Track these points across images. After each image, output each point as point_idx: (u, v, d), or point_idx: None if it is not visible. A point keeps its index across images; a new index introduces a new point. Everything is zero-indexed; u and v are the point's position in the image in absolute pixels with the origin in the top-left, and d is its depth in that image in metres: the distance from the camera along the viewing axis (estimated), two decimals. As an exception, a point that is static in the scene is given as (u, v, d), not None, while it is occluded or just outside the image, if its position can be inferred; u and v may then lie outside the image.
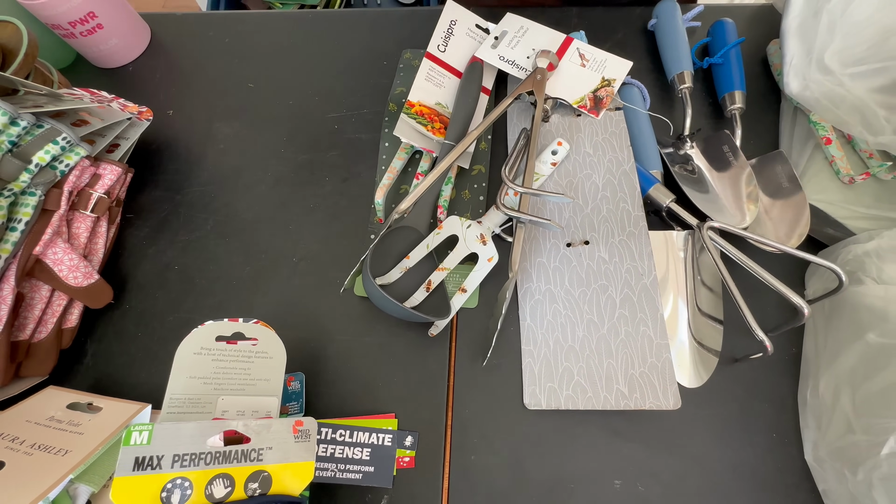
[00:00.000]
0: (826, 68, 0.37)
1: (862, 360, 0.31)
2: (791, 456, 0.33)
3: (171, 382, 0.28)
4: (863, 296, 0.32)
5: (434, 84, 0.43)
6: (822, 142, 0.39)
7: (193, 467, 0.24)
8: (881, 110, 0.35)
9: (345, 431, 0.34)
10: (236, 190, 0.46)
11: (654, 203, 0.39)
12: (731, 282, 0.33)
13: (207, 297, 0.41)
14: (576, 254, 0.38)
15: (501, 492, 0.33)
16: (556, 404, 0.34)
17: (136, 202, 0.45)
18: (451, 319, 0.38)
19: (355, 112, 0.48)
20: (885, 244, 0.33)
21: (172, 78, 0.52)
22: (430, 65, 0.43)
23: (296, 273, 0.41)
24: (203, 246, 0.43)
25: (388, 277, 0.38)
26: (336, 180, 0.45)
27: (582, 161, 0.41)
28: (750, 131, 0.45)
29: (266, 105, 0.50)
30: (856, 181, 0.37)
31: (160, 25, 0.55)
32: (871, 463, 0.28)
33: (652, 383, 0.33)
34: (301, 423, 0.28)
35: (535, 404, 0.35)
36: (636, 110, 0.43)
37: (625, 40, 0.51)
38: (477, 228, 0.38)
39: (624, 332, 0.35)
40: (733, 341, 0.36)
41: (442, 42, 0.44)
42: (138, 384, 0.38)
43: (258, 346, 0.32)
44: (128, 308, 0.41)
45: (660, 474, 0.33)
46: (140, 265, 0.43)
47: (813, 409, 0.34)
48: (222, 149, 0.48)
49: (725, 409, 0.35)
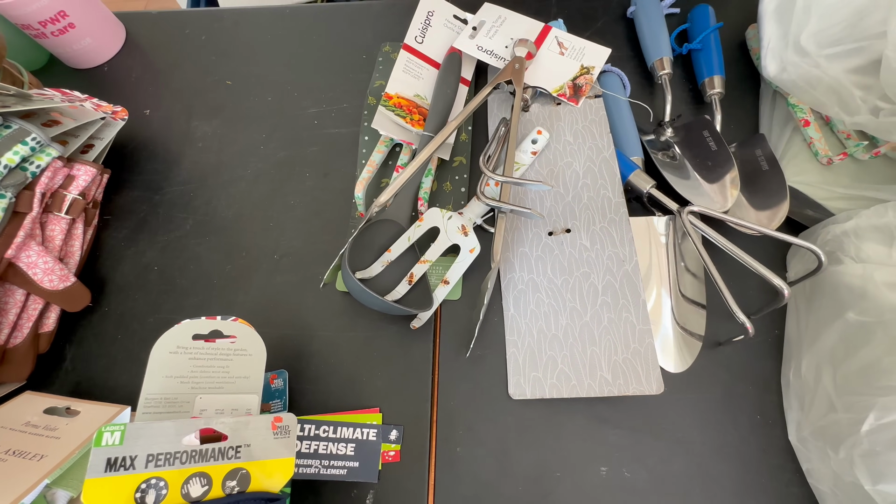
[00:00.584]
0: (803, 50, 0.37)
1: (842, 338, 0.31)
2: (775, 437, 0.33)
3: (146, 382, 0.28)
4: (842, 275, 0.32)
5: (412, 76, 0.43)
6: (800, 124, 0.39)
7: (168, 467, 0.24)
8: (857, 90, 0.35)
9: (328, 427, 0.34)
10: (216, 188, 0.45)
11: (634, 189, 0.39)
12: (712, 265, 0.33)
13: (188, 297, 0.40)
14: (558, 242, 0.38)
15: (488, 482, 0.33)
16: (541, 393, 0.34)
17: (114, 203, 0.45)
18: (435, 312, 0.38)
19: (335, 107, 0.48)
20: (863, 223, 0.33)
21: (149, 77, 0.51)
22: (408, 56, 0.43)
23: (277, 270, 0.41)
24: (183, 245, 0.43)
25: (369, 271, 0.38)
26: (317, 176, 0.45)
27: (562, 149, 0.41)
28: (730, 116, 0.45)
29: (245, 102, 0.49)
30: (834, 162, 0.37)
31: (135, 24, 0.55)
32: (851, 440, 0.28)
33: (635, 369, 0.33)
34: (280, 419, 0.28)
35: (519, 394, 0.34)
36: (616, 98, 0.43)
37: (604, 28, 0.50)
38: (458, 220, 0.38)
39: (607, 319, 0.35)
40: (716, 325, 0.37)
41: (419, 33, 0.44)
42: (119, 387, 0.37)
43: (237, 344, 0.31)
44: (107, 310, 0.40)
45: (645, 459, 0.33)
46: (119, 267, 0.42)
47: (796, 390, 0.34)
48: (201, 147, 0.47)
49: (710, 393, 0.35)
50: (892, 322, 0.29)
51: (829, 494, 0.31)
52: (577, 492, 0.33)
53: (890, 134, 0.33)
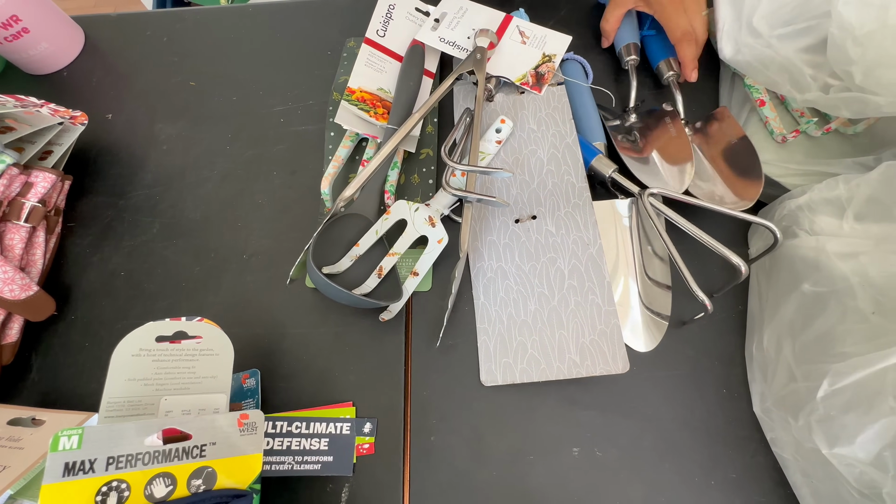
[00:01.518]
0: (756, 31, 0.38)
1: (799, 310, 0.32)
2: (740, 409, 0.34)
3: (108, 386, 0.27)
4: (797, 248, 0.33)
5: (375, 69, 0.43)
6: (756, 104, 0.40)
7: (130, 468, 0.24)
8: (808, 69, 0.36)
9: (301, 423, 0.34)
10: (182, 190, 0.45)
11: (598, 174, 0.39)
12: (672, 245, 0.34)
13: (157, 301, 0.40)
14: (524, 229, 0.38)
15: (462, 469, 0.33)
16: (512, 379, 0.34)
17: (77, 210, 0.44)
18: (406, 304, 0.38)
19: (301, 104, 0.48)
20: (816, 197, 0.34)
21: (110, 81, 0.51)
22: (370, 50, 0.43)
23: (247, 270, 0.41)
24: (150, 250, 0.42)
25: (338, 266, 0.38)
26: (284, 174, 0.44)
27: (527, 137, 0.41)
28: (692, 100, 0.46)
29: (209, 102, 0.48)
30: (788, 140, 0.38)
31: (94, 28, 0.54)
32: (809, 407, 0.29)
33: (602, 349, 0.34)
34: (247, 416, 0.28)
35: (491, 381, 0.35)
36: (579, 85, 0.44)
37: (568, 17, 0.51)
38: (425, 211, 0.38)
39: (574, 303, 0.35)
40: (682, 304, 0.37)
41: (381, 27, 0.44)
42: (88, 395, 0.37)
43: (203, 344, 0.31)
44: (73, 319, 0.40)
45: (616, 438, 0.34)
46: (84, 274, 0.41)
47: (759, 362, 0.35)
48: (166, 150, 0.47)
49: (677, 370, 0.36)
50: (843, 291, 0.30)
51: (791, 461, 0.32)
52: (551, 474, 0.33)
53: (839, 110, 0.34)
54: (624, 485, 0.33)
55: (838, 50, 0.33)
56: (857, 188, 0.32)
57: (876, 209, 0.30)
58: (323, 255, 0.37)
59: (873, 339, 0.28)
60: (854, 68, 0.32)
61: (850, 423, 0.27)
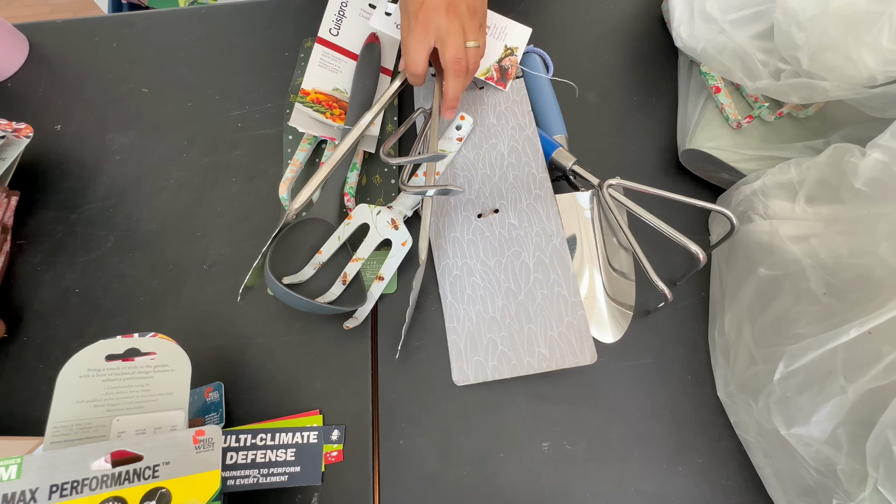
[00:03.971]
0: (709, 17, 0.38)
1: (756, 294, 0.33)
2: (705, 394, 0.35)
3: (53, 410, 0.26)
4: (752, 233, 0.33)
5: (329, 70, 0.42)
6: (712, 91, 0.40)
7: (76, 495, 0.23)
8: (759, 54, 0.36)
9: (265, 435, 0.33)
10: (137, 201, 0.43)
11: (559, 167, 0.39)
12: (631, 236, 0.34)
13: (114, 318, 0.39)
14: (487, 224, 0.38)
15: (432, 471, 0.33)
16: (484, 376, 0.34)
17: (27, 227, 0.42)
18: (371, 308, 0.38)
19: (258, 108, 0.46)
20: (769, 181, 0.34)
21: (58, 90, 0.49)
22: (324, 50, 0.42)
23: (207, 280, 0.40)
24: (105, 264, 0.41)
25: (301, 275, 0.37)
26: (242, 180, 0.43)
27: (487, 132, 0.41)
28: (651, 88, 0.46)
29: (163, 109, 0.47)
30: (742, 125, 0.38)
31: (39, 35, 0.51)
32: (767, 390, 0.30)
33: (570, 341, 0.34)
34: (202, 432, 0.27)
35: (463, 380, 0.34)
36: (539, 78, 0.43)
37: (527, 9, 0.50)
38: (387, 214, 0.37)
39: (540, 296, 0.35)
40: (647, 294, 0.37)
41: (333, 25, 0.43)
42: (43, 419, 0.35)
43: (157, 360, 0.30)
44: (26, 340, 0.38)
45: (584, 430, 0.34)
46: (36, 293, 0.40)
47: (721, 347, 0.35)
48: (119, 160, 0.45)
49: (642, 359, 0.36)
50: (797, 273, 0.30)
51: (753, 443, 0.32)
52: (521, 470, 0.33)
53: (789, 96, 0.35)
54: (593, 477, 0.33)
55: (784, 36, 0.33)
56: (807, 171, 0.32)
57: (825, 191, 0.31)
58: (284, 262, 0.36)
59: (824, 319, 0.28)
60: (800, 53, 0.32)
61: (804, 403, 0.27)
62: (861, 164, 0.28)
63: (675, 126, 0.43)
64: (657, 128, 0.44)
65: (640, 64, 0.47)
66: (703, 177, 0.41)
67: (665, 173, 0.42)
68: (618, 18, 0.49)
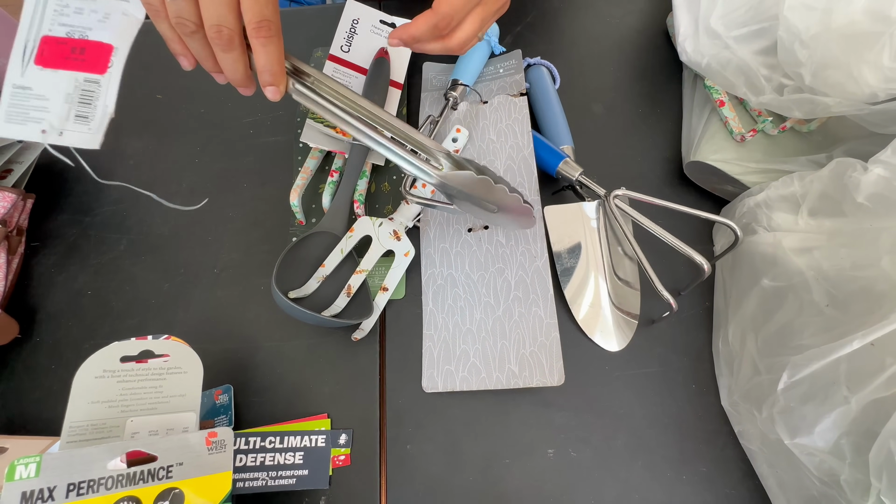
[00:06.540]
0: (713, 33, 0.39)
1: (760, 304, 0.33)
2: (709, 404, 0.35)
3: (70, 410, 0.27)
4: (756, 244, 0.34)
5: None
6: (716, 104, 0.41)
7: (92, 494, 0.23)
8: (763, 70, 0.37)
9: (274, 438, 0.33)
10: (150, 205, 0.44)
11: (565, 178, 0.40)
12: (637, 246, 0.35)
13: (125, 320, 0.39)
14: (476, 239, 0.38)
15: (439, 477, 0.33)
16: (452, 386, 0.35)
17: (42, 229, 0.43)
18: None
19: (270, 115, 0.47)
20: (773, 194, 0.35)
21: (74, 96, 0.49)
22: (335, 66, 0.43)
23: (218, 284, 0.40)
24: (117, 267, 0.41)
25: (305, 289, 0.37)
26: (254, 186, 0.44)
27: (486, 147, 0.41)
28: (656, 101, 0.47)
29: (176, 115, 0.48)
30: (746, 139, 0.39)
31: (56, 42, 0.52)
32: (771, 399, 0.30)
33: (540, 361, 0.34)
34: (215, 433, 0.27)
35: (432, 387, 0.35)
36: (546, 89, 0.44)
37: (535, 22, 0.52)
38: (389, 225, 0.38)
39: (517, 314, 0.36)
40: (652, 303, 0.38)
41: (345, 42, 0.44)
42: (55, 419, 0.36)
43: (170, 362, 0.30)
44: (38, 341, 0.39)
45: (589, 438, 0.34)
46: (50, 294, 0.40)
47: (725, 357, 0.35)
48: (132, 164, 0.46)
49: (647, 368, 0.36)
50: (800, 285, 0.31)
51: (757, 453, 0.32)
52: (526, 476, 0.33)
53: (791, 111, 0.35)
54: (598, 484, 0.33)
55: (787, 52, 0.34)
56: (810, 184, 0.33)
57: (827, 204, 0.32)
58: (290, 277, 0.36)
59: (828, 330, 0.28)
60: (803, 70, 0.33)
61: (808, 413, 0.28)
62: (863, 179, 0.29)
63: (680, 138, 0.44)
64: (662, 140, 0.45)
65: (645, 77, 0.48)
66: (707, 188, 0.42)
67: (670, 185, 0.43)
68: (623, 32, 0.50)
